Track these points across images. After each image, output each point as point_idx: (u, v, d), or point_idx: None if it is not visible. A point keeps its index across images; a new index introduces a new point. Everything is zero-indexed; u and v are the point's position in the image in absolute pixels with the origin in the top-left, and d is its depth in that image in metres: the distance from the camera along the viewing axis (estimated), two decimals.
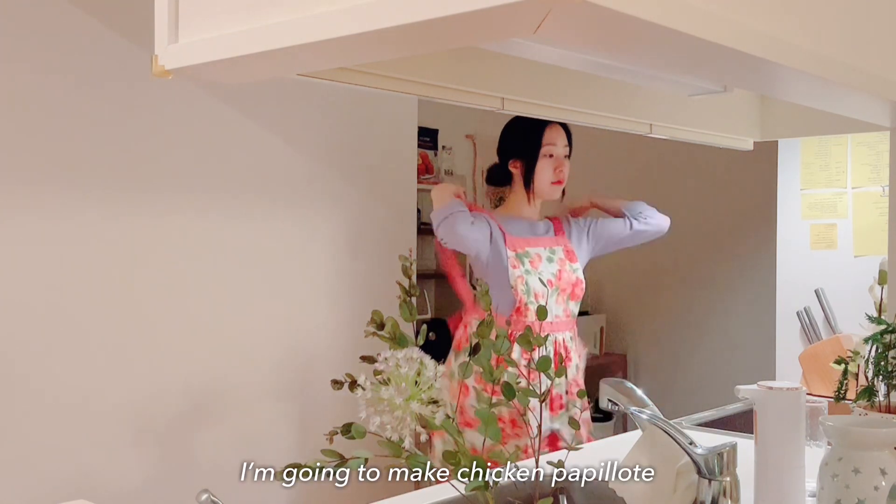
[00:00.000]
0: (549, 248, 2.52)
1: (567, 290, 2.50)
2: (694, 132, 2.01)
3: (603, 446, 1.99)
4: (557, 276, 2.48)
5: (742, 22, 0.94)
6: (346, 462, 0.86)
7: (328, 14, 0.84)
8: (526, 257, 2.46)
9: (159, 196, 2.20)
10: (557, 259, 2.52)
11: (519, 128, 2.49)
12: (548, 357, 0.99)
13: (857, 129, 2.10)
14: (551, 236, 2.59)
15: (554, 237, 2.58)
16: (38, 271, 1.99)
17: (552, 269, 2.49)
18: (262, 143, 2.42)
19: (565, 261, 2.53)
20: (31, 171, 1.98)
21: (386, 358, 0.88)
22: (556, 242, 2.56)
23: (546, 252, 2.52)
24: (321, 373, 2.55)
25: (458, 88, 1.51)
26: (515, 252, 2.45)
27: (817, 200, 3.10)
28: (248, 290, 2.39)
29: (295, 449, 2.49)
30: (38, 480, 1.99)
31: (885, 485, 1.17)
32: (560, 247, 2.55)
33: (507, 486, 0.99)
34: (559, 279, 2.48)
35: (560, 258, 2.52)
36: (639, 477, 1.29)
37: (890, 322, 1.42)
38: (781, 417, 1.29)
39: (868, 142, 2.96)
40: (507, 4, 0.72)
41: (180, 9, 0.99)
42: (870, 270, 2.09)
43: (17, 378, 1.96)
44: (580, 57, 1.32)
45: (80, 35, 2.04)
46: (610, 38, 0.89)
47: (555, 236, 2.59)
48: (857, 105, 1.40)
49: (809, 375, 2.88)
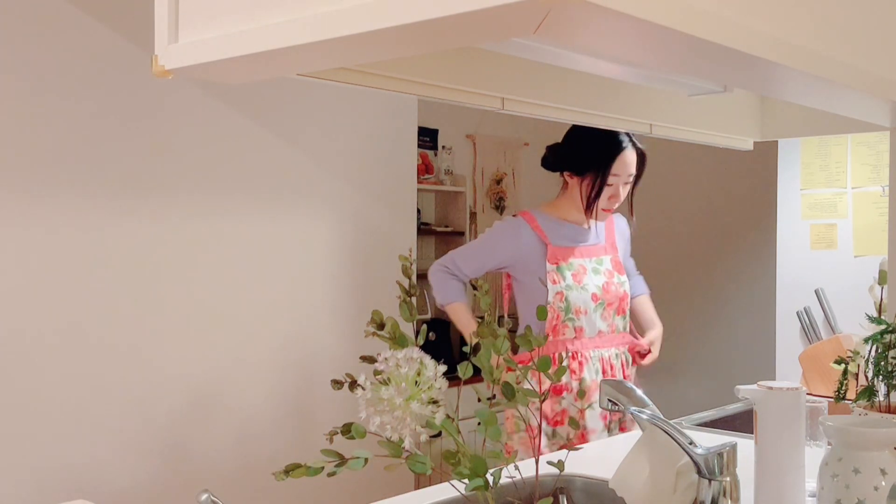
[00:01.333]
0: (595, 258, 2.38)
1: (614, 305, 2.36)
2: (694, 132, 2.01)
3: (603, 446, 1.99)
4: (604, 290, 2.34)
5: (742, 22, 0.94)
6: (346, 462, 0.86)
7: (328, 14, 0.84)
8: (569, 269, 2.31)
9: (160, 196, 2.20)
10: (605, 270, 2.38)
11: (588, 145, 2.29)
12: (548, 357, 0.99)
13: (857, 129, 2.10)
14: (600, 244, 2.43)
15: (603, 244, 2.43)
16: (38, 271, 1.99)
17: (598, 281, 2.33)
18: (262, 143, 2.42)
19: (613, 272, 2.39)
20: (31, 171, 1.98)
21: (386, 358, 0.88)
22: (604, 251, 2.41)
23: (592, 263, 2.37)
24: (321, 373, 2.55)
25: (458, 88, 1.51)
26: (557, 265, 2.30)
27: (817, 200, 3.10)
28: (248, 289, 2.39)
29: (295, 449, 2.49)
30: (38, 480, 1.99)
31: (885, 485, 1.17)
32: (608, 256, 2.41)
33: (507, 486, 0.99)
34: (606, 292, 2.34)
35: (608, 269, 2.38)
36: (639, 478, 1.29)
37: (890, 322, 1.42)
38: (781, 417, 1.29)
39: (868, 142, 2.96)
40: (507, 4, 0.72)
41: (180, 9, 0.99)
42: (870, 270, 2.09)
43: (17, 378, 1.96)
44: (580, 57, 1.32)
45: (80, 35, 2.03)
46: (610, 38, 0.89)
47: (604, 243, 2.44)
48: (857, 105, 1.40)
49: (809, 375, 2.88)
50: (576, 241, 2.37)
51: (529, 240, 2.31)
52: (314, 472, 0.85)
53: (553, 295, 2.26)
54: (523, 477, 1.01)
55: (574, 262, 2.33)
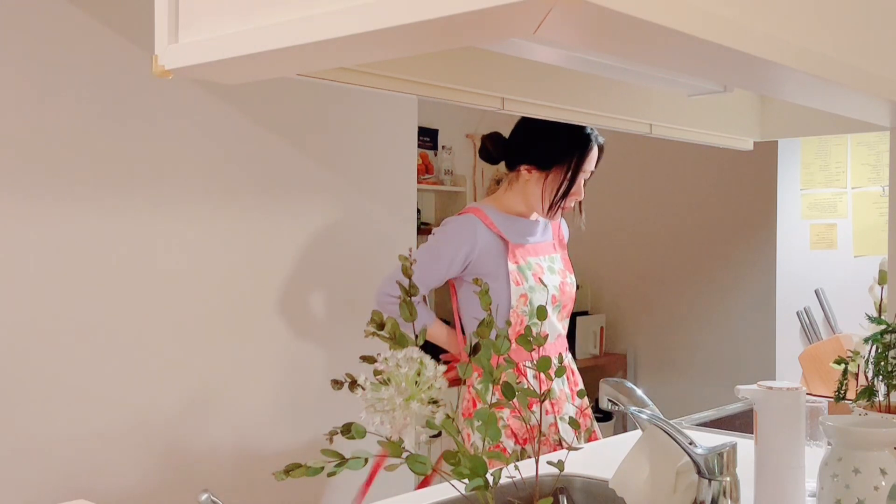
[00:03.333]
0: (548, 255, 2.21)
1: (568, 307, 2.21)
2: (694, 132, 2.01)
3: (603, 446, 1.99)
4: (560, 290, 2.17)
5: (742, 22, 0.94)
6: (346, 462, 0.86)
7: (328, 14, 0.84)
8: (529, 269, 2.12)
9: (160, 196, 2.20)
10: (558, 269, 2.21)
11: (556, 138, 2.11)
12: (548, 357, 0.99)
13: (857, 129, 2.10)
14: (549, 241, 2.25)
15: (552, 241, 2.25)
16: (37, 271, 1.99)
17: (555, 281, 2.16)
18: (262, 143, 2.42)
19: (565, 271, 2.24)
20: (31, 171, 1.98)
21: (386, 358, 0.88)
22: (553, 248, 2.24)
23: (546, 261, 2.19)
24: (321, 373, 2.55)
25: (458, 88, 1.51)
26: (518, 264, 2.10)
27: (817, 200, 3.10)
28: (248, 289, 2.39)
29: (295, 449, 2.49)
30: (38, 480, 1.99)
31: (885, 485, 1.17)
32: (558, 254, 2.25)
33: (507, 486, 0.99)
34: (562, 293, 2.18)
35: (560, 268, 2.22)
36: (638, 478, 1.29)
37: (890, 322, 1.42)
38: (781, 417, 1.29)
39: (868, 142, 2.96)
40: (507, 4, 0.72)
41: (180, 9, 0.99)
42: (870, 270, 2.09)
43: (16, 378, 1.96)
44: (580, 57, 1.32)
45: (80, 35, 2.04)
46: (610, 38, 0.89)
47: (552, 240, 2.26)
48: (857, 105, 1.40)
49: (809, 375, 2.88)
50: (528, 237, 2.17)
51: (486, 238, 2.09)
52: (314, 472, 0.85)
53: (517, 298, 2.07)
54: (523, 477, 1.01)
55: (531, 260, 2.14)
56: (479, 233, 2.10)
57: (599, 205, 4.55)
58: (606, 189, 4.57)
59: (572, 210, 2.23)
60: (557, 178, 2.13)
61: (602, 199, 4.53)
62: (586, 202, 2.26)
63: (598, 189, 4.77)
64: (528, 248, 2.16)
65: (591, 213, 2.50)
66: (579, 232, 2.32)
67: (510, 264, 2.09)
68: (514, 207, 2.19)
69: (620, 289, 4.83)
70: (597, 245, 4.67)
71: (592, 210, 2.60)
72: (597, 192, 4.72)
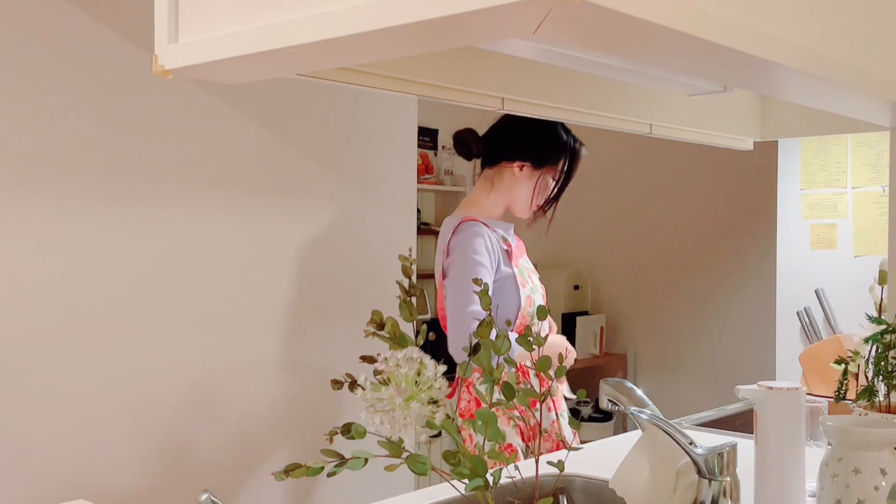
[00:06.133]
0: (525, 256, 2.20)
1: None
2: (694, 132, 2.01)
3: (603, 446, 1.99)
4: (543, 293, 2.18)
5: (742, 22, 0.94)
6: (346, 462, 0.86)
7: (328, 14, 0.84)
8: (523, 272, 2.12)
9: (160, 195, 2.20)
10: (535, 270, 2.21)
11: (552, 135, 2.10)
12: (548, 357, 0.99)
13: (857, 129, 2.10)
14: (521, 242, 2.22)
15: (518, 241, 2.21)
16: (37, 271, 1.99)
17: (537, 281, 2.17)
18: (261, 143, 2.42)
19: (537, 272, 2.23)
20: (30, 171, 1.98)
21: (386, 358, 0.88)
22: (524, 250, 2.22)
23: (529, 262, 2.18)
24: (321, 373, 2.55)
25: (458, 88, 1.51)
26: (518, 267, 2.11)
27: (817, 200, 3.10)
28: (248, 289, 2.39)
29: (295, 449, 2.49)
30: (37, 480, 1.99)
31: (885, 485, 1.17)
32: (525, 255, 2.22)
33: (507, 486, 0.99)
34: (545, 295, 2.19)
35: (533, 269, 2.21)
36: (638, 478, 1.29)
37: (890, 322, 1.42)
38: (781, 417, 1.29)
39: (868, 142, 2.96)
40: (507, 4, 0.72)
41: (180, 9, 0.99)
42: (870, 270, 2.10)
43: (15, 378, 1.96)
44: (580, 57, 1.32)
45: (80, 35, 2.04)
46: (610, 38, 0.89)
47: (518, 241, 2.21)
48: (857, 105, 1.40)
49: (809, 375, 2.88)
50: (513, 240, 2.16)
51: (493, 243, 2.07)
52: (314, 472, 0.85)
53: (524, 299, 2.06)
54: (523, 477, 1.01)
55: (521, 262, 2.13)
56: (493, 239, 2.08)
57: (600, 205, 4.56)
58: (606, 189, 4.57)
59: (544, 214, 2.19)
60: (550, 177, 2.13)
61: (602, 199, 4.54)
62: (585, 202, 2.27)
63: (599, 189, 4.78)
64: (515, 251, 2.15)
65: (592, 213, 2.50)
66: (579, 232, 2.31)
67: (514, 268, 2.09)
68: (495, 211, 2.15)
69: (620, 289, 4.83)
70: (597, 245, 4.67)
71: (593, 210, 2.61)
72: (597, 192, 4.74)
